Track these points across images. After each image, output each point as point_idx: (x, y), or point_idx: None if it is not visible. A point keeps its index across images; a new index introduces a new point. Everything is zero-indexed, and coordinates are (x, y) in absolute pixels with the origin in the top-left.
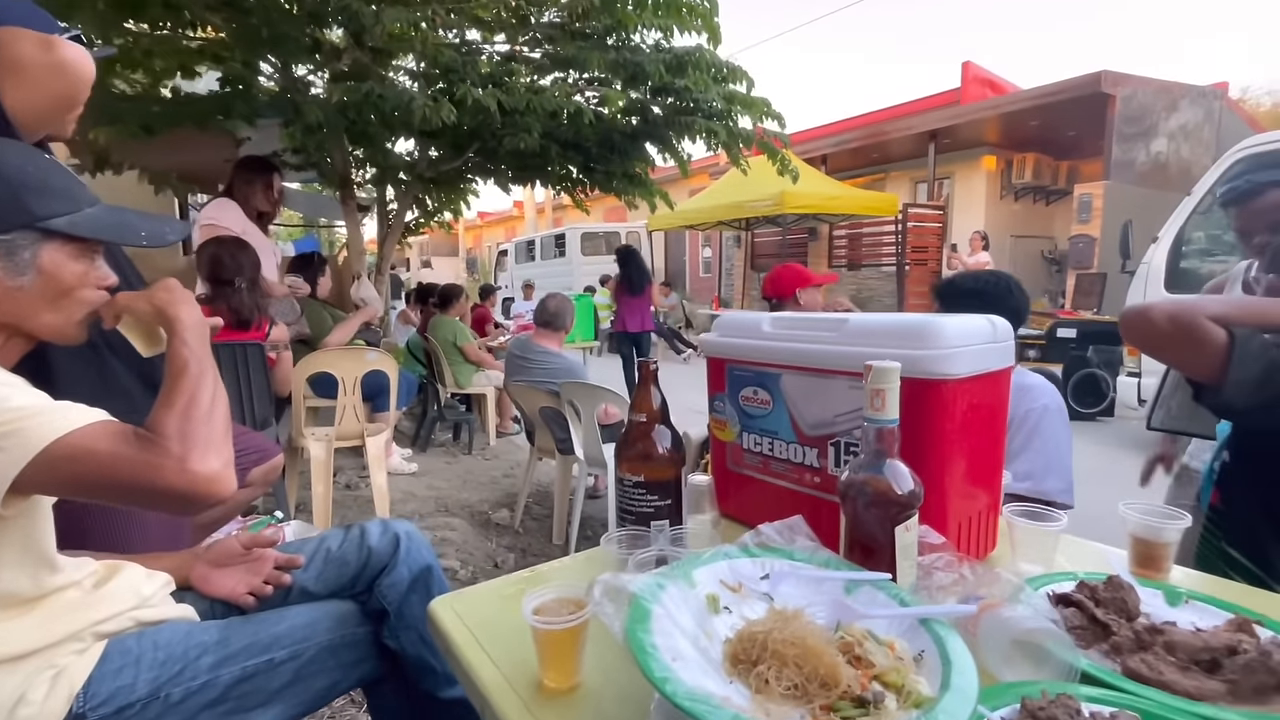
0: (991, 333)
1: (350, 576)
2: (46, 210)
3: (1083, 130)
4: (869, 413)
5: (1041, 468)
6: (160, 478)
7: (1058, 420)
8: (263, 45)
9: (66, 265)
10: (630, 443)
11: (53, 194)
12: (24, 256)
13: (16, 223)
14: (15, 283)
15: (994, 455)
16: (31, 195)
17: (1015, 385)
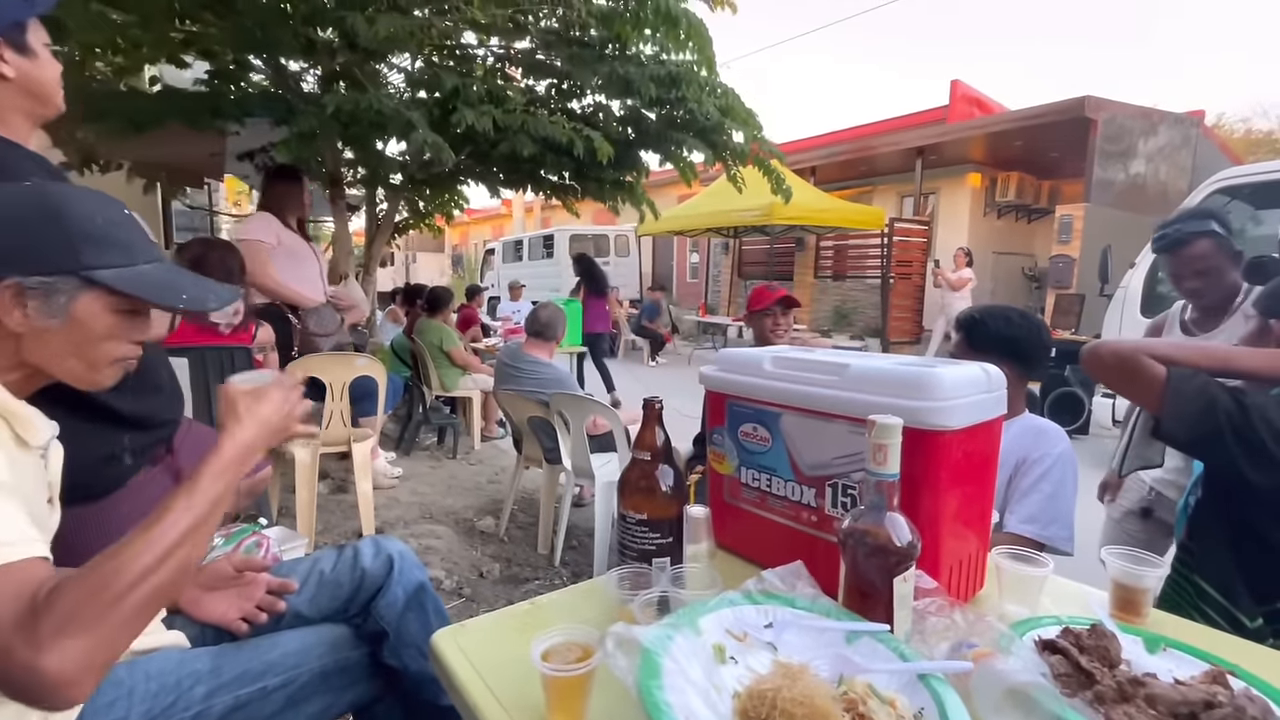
0: (986, 382)
1: (344, 599)
2: (97, 261)
3: (1065, 152)
4: (871, 466)
5: (1048, 513)
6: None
7: (1069, 469)
8: (255, 44)
9: (100, 316)
10: (634, 480)
11: (110, 246)
12: (59, 301)
13: (63, 268)
14: (45, 324)
15: (984, 500)
16: (88, 245)
17: (1031, 429)
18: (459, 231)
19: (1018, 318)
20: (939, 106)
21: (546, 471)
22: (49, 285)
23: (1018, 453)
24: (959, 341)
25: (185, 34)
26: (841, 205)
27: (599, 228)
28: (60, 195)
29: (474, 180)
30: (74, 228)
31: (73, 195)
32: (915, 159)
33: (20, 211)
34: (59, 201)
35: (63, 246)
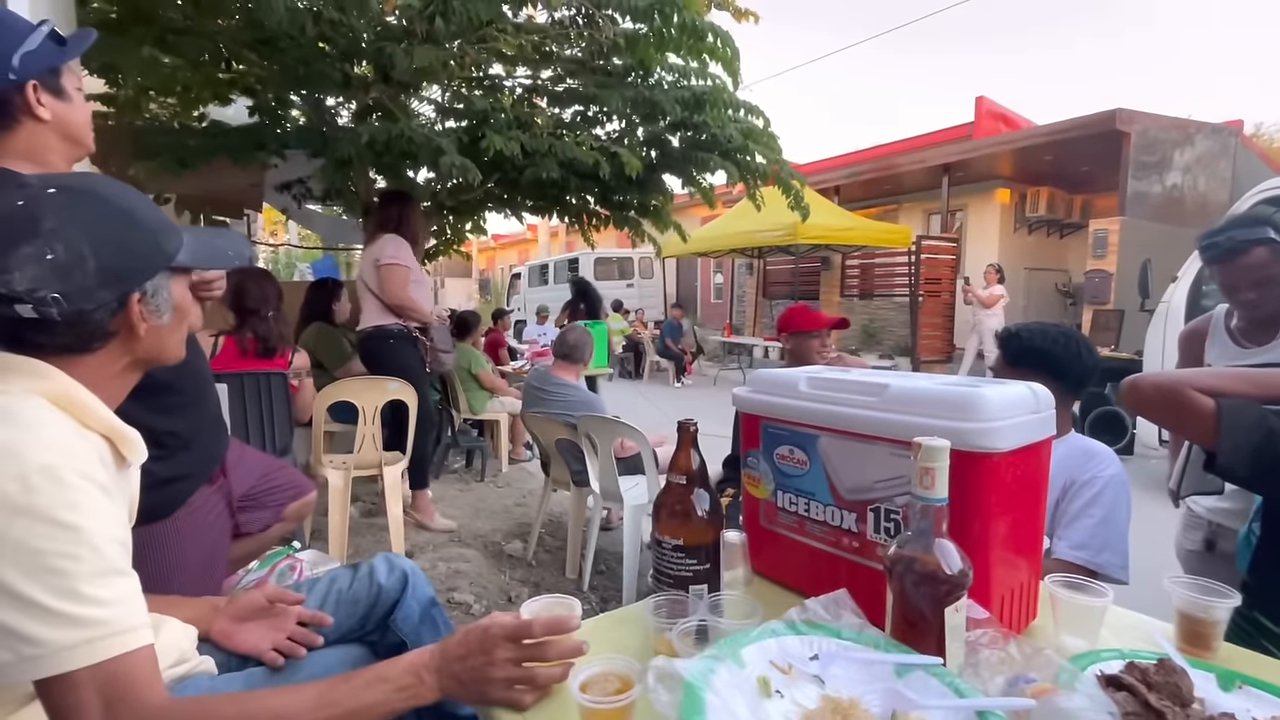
0: (1034, 403)
1: (361, 615)
2: (172, 248)
3: (1097, 166)
4: (917, 490)
5: (1099, 539)
6: None
7: (1121, 492)
8: (296, 82)
9: (187, 295)
10: (669, 505)
11: (169, 229)
12: (165, 296)
13: (159, 265)
14: (160, 321)
15: (1035, 525)
16: (163, 236)
17: (1079, 450)
18: (486, 256)
19: (1058, 334)
20: (964, 123)
21: (574, 494)
22: (156, 284)
23: (1065, 475)
24: (999, 359)
25: (231, 74)
26: (867, 224)
27: (623, 250)
28: (115, 195)
29: (501, 206)
30: (149, 224)
31: (125, 192)
32: (941, 176)
33: (108, 224)
34: (122, 202)
35: (151, 246)
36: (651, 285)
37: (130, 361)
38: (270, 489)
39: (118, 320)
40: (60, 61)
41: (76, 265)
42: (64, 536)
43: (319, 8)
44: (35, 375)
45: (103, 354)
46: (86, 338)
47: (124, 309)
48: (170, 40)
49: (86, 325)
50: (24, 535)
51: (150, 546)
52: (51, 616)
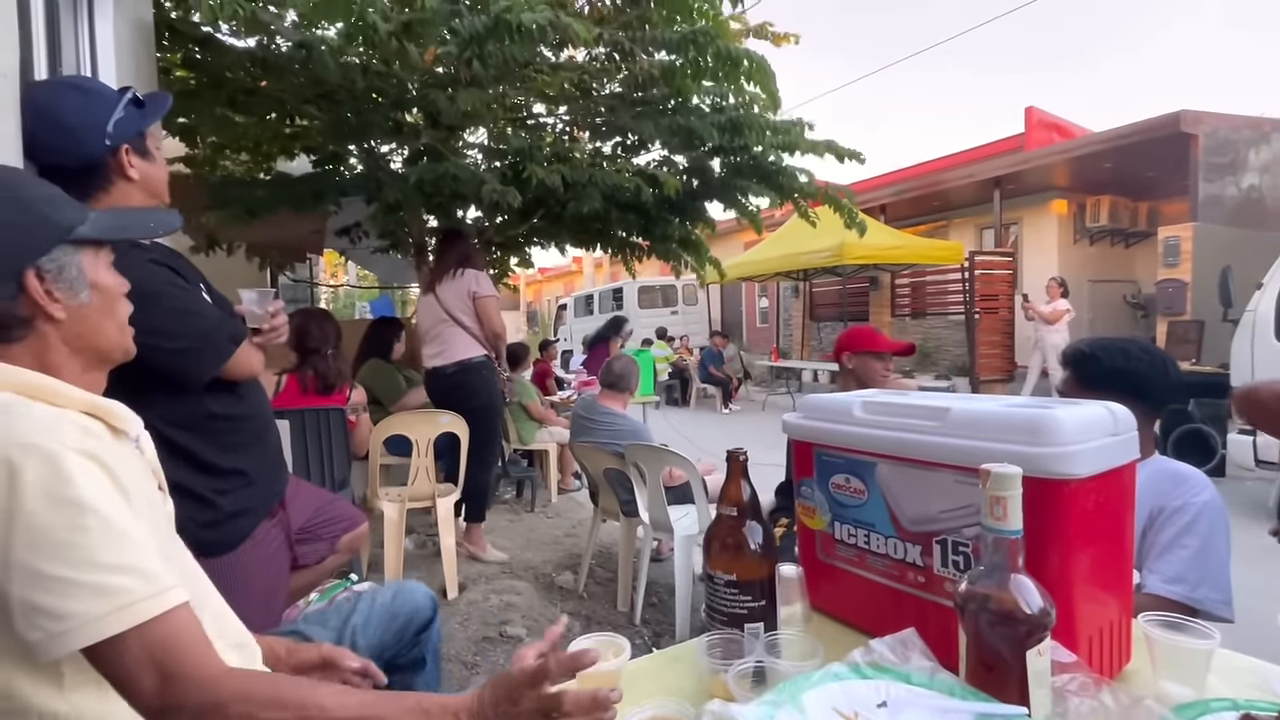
0: (1113, 424)
1: (398, 629)
2: (69, 220)
3: (1162, 171)
4: (988, 521)
5: (1197, 572)
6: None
7: (1218, 519)
8: (351, 132)
9: (107, 272)
10: (720, 538)
11: (66, 203)
12: (73, 273)
13: (54, 239)
14: (77, 302)
15: (1122, 558)
16: (55, 210)
17: (1167, 474)
18: (533, 289)
19: (1138, 350)
20: (1014, 135)
21: (624, 525)
22: (56, 261)
23: (1152, 501)
24: (1067, 379)
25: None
26: (916, 241)
27: (666, 279)
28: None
29: (546, 240)
30: (36, 199)
31: (7, 172)
32: (992, 190)
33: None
34: (6, 184)
35: (39, 222)
36: (696, 312)
37: (68, 351)
38: (325, 521)
39: (24, 303)
40: (145, 125)
41: None
42: (65, 511)
43: (367, 61)
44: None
45: (31, 342)
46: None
47: (23, 290)
48: (240, 100)
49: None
50: (26, 516)
51: (217, 579)
52: (75, 589)
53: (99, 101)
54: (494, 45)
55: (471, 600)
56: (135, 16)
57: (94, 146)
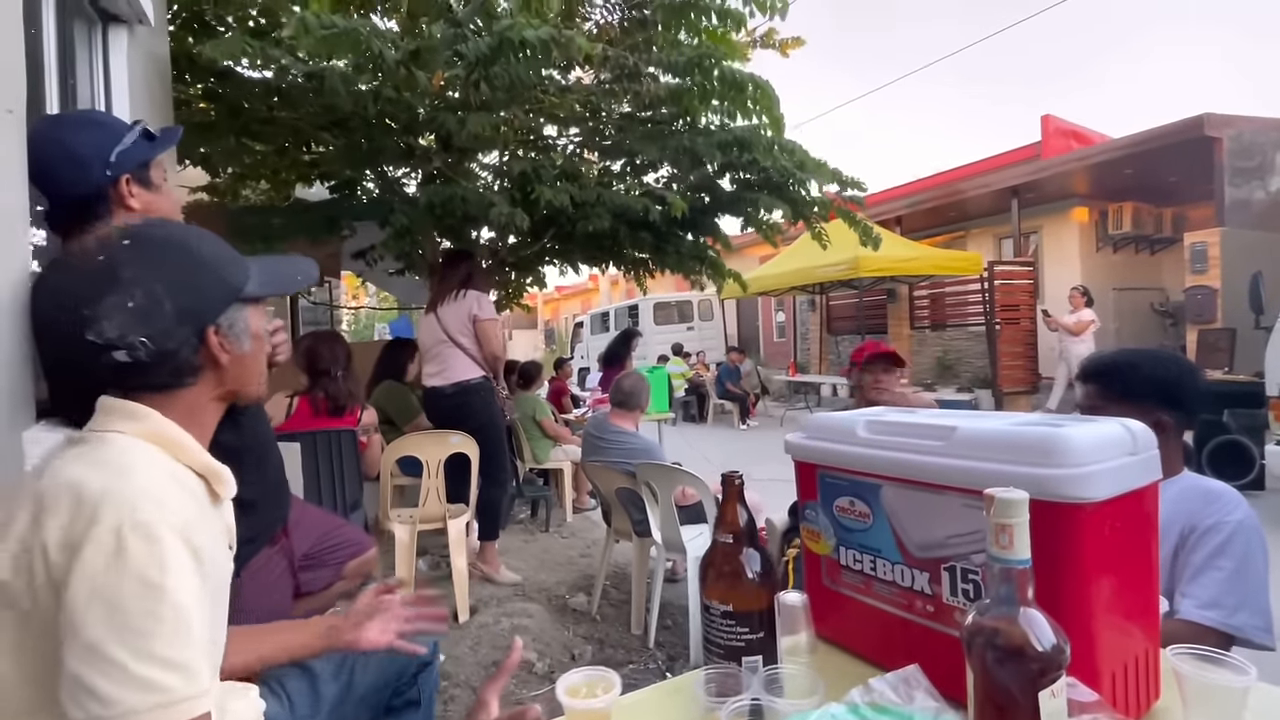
0: (1131, 443)
1: (399, 669)
2: (239, 280)
3: (1186, 175)
4: (994, 550)
5: (1234, 596)
6: None
7: (1254, 539)
8: (365, 158)
9: (261, 324)
10: (716, 566)
11: (233, 261)
12: (240, 325)
13: (229, 297)
14: (241, 350)
15: (1147, 586)
16: (227, 269)
17: (1198, 491)
18: (550, 307)
19: (1170, 359)
20: (1030, 144)
21: (637, 545)
22: (229, 318)
23: (1182, 520)
24: (1093, 392)
25: (312, 156)
26: (932, 252)
27: (682, 295)
28: (182, 239)
29: (558, 259)
30: (211, 259)
31: (187, 234)
32: (1010, 199)
33: (172, 266)
34: (182, 243)
35: (217, 280)
36: (712, 327)
37: (220, 392)
38: (330, 547)
39: (201, 354)
40: (150, 156)
41: (155, 308)
42: (151, 595)
43: (377, 88)
44: (131, 417)
45: (197, 387)
46: (178, 373)
47: (204, 343)
48: (255, 129)
49: (174, 361)
50: (114, 591)
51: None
52: (128, 678)
53: (105, 133)
54: (500, 66)
55: (483, 623)
56: (150, 51)
57: (96, 175)
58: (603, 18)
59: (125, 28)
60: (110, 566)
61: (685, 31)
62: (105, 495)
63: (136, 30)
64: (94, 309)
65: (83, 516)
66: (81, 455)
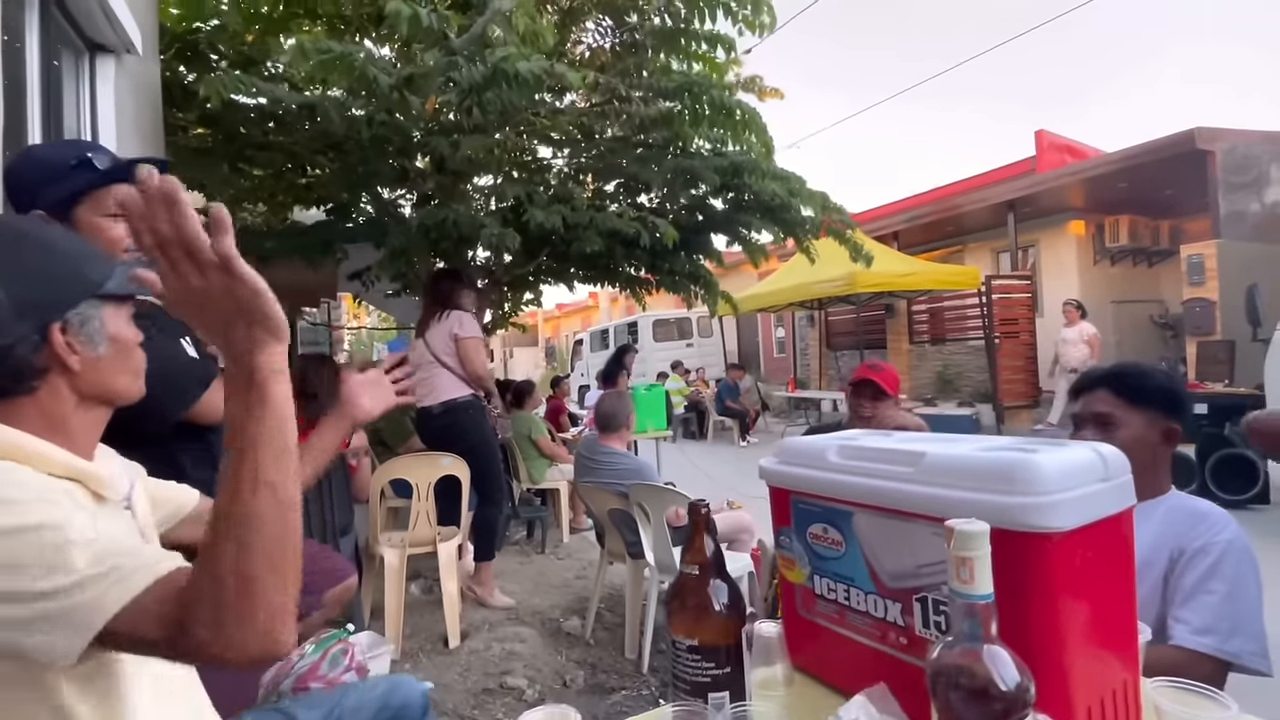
0: (1102, 468)
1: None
2: (98, 276)
3: (1180, 188)
4: (955, 585)
5: (1227, 620)
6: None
7: (1245, 561)
8: (361, 181)
9: (126, 327)
10: (682, 599)
11: (95, 258)
12: (94, 326)
13: (82, 294)
14: (94, 354)
15: (1125, 616)
16: (85, 265)
17: (1184, 512)
18: (551, 325)
19: (1171, 373)
20: (1025, 158)
21: (630, 567)
22: (81, 315)
23: (1170, 543)
24: (1105, 396)
25: (309, 179)
26: (929, 267)
27: (681, 311)
28: (36, 231)
29: (553, 279)
30: (68, 254)
31: (45, 229)
32: (1006, 213)
33: (20, 259)
34: (42, 237)
35: (70, 276)
36: (711, 344)
37: (78, 400)
38: (309, 574)
39: (44, 355)
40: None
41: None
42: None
43: (372, 113)
44: None
45: (43, 393)
46: (14, 375)
47: (46, 341)
48: (251, 154)
49: (10, 362)
50: None
51: None
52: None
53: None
54: (492, 93)
55: (473, 649)
56: (140, 79)
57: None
58: (595, 41)
59: (113, 57)
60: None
61: (676, 57)
62: None
63: (125, 59)
64: None
65: None
66: None
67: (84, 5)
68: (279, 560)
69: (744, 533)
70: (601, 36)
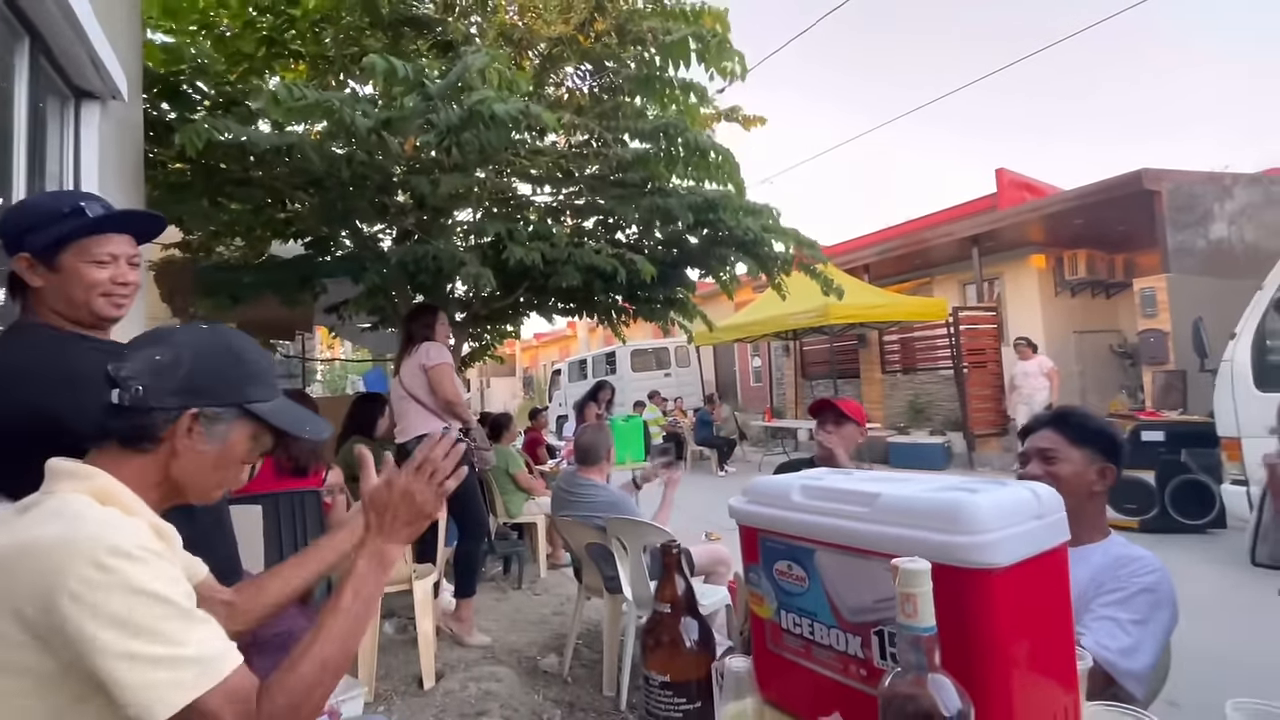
0: (1037, 506)
1: None
2: (256, 396)
3: (1133, 225)
4: (901, 619)
5: (1126, 641)
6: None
7: (1161, 606)
8: (340, 217)
9: (244, 443)
10: (654, 635)
11: (264, 383)
12: (221, 428)
13: (232, 401)
14: (204, 446)
15: (1063, 645)
16: (253, 383)
17: (1120, 556)
18: (529, 355)
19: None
20: (987, 195)
21: (608, 602)
22: (218, 414)
23: (1096, 583)
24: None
25: (288, 214)
26: (899, 299)
27: (658, 341)
28: (238, 339)
29: (532, 311)
30: (249, 368)
31: (244, 340)
32: (971, 247)
33: (213, 352)
34: (240, 345)
35: (238, 383)
36: (689, 374)
37: (163, 478)
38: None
39: (169, 428)
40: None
41: (170, 369)
42: (150, 601)
43: (350, 152)
44: (80, 477)
45: (148, 459)
46: (139, 433)
47: (178, 419)
48: (230, 190)
49: (144, 420)
50: (119, 609)
51: None
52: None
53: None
54: (470, 134)
55: (449, 690)
56: (123, 123)
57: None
58: (574, 85)
59: (98, 103)
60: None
61: (650, 101)
62: (64, 539)
63: (110, 105)
64: (131, 351)
65: (50, 569)
66: (33, 517)
67: (73, 55)
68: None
69: (721, 565)
70: (581, 80)
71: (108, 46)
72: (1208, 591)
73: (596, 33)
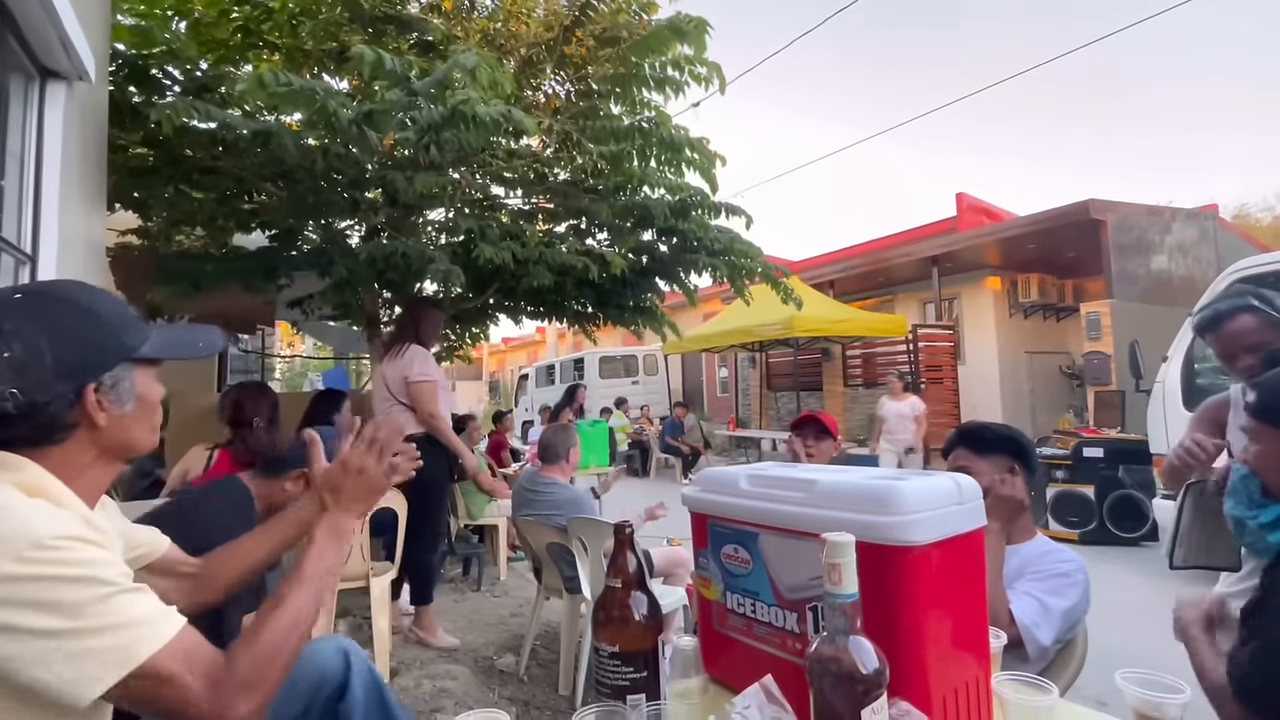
0: (958, 494)
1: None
2: (135, 341)
3: (1081, 252)
4: (828, 587)
5: (1035, 607)
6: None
7: (1073, 589)
8: (309, 210)
9: (153, 385)
10: (606, 610)
11: (132, 324)
12: (125, 387)
13: (119, 358)
14: (119, 410)
15: (976, 619)
16: (125, 331)
17: (1043, 552)
18: (496, 359)
19: (1014, 429)
20: (948, 218)
21: (567, 602)
22: (114, 376)
23: (1020, 571)
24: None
25: (253, 205)
26: (862, 315)
27: (627, 349)
28: (71, 295)
29: (502, 313)
30: (110, 321)
31: (91, 294)
32: (931, 267)
33: (64, 323)
34: (84, 300)
35: (111, 341)
36: (656, 381)
37: (99, 452)
38: None
39: (75, 412)
40: None
41: (33, 361)
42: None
43: (326, 144)
44: (8, 468)
45: (69, 445)
46: (46, 429)
47: (80, 401)
48: (196, 178)
49: (43, 417)
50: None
51: None
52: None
53: None
54: (451, 133)
55: (403, 686)
56: (88, 105)
57: None
58: (551, 88)
59: (64, 84)
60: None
61: (624, 103)
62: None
63: (75, 86)
64: None
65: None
66: None
67: (42, 34)
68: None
69: (680, 567)
70: (560, 84)
71: (78, 27)
72: (1140, 599)
73: (577, 38)
